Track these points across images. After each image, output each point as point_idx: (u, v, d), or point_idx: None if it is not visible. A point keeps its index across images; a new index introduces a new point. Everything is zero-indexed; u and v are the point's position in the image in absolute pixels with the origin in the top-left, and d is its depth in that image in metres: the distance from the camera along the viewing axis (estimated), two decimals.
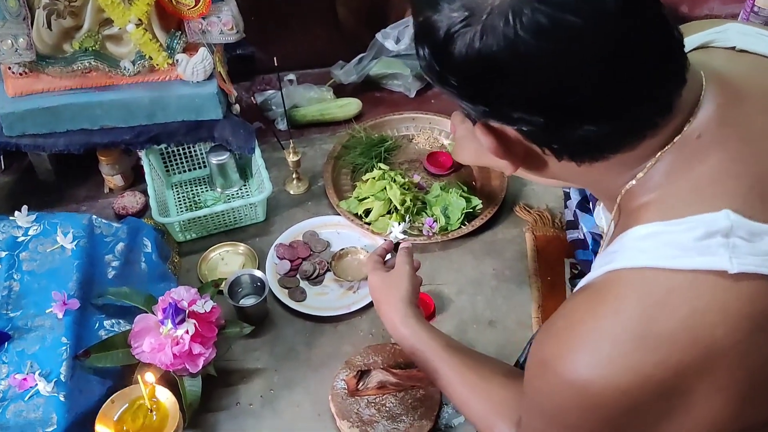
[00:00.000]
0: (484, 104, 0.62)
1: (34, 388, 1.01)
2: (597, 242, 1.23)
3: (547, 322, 0.69)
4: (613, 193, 0.67)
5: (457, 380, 0.92)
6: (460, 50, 0.58)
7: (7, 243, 1.18)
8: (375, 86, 1.70)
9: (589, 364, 0.60)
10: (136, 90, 1.34)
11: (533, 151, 0.65)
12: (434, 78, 0.64)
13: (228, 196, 1.46)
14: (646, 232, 0.62)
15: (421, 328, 0.98)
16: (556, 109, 0.59)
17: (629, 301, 0.60)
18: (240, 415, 1.14)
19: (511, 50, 0.56)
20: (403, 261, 1.06)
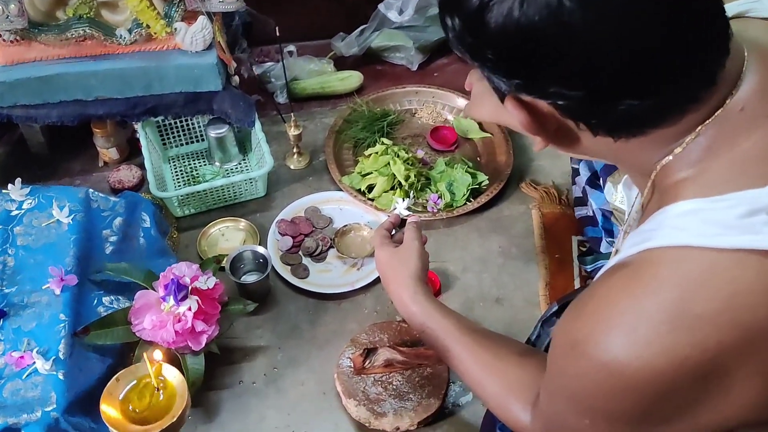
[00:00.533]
0: (519, 77, 0.59)
1: (32, 366, 0.98)
2: (607, 219, 1.21)
3: (575, 301, 0.66)
4: (647, 169, 0.64)
5: (470, 359, 0.89)
6: (497, 20, 0.55)
7: (1, 217, 1.14)
8: (376, 59, 1.66)
9: (624, 345, 0.58)
10: (132, 60, 1.29)
11: (566, 126, 0.62)
12: (465, 50, 0.60)
13: (227, 170, 1.42)
14: (686, 209, 0.59)
15: (431, 305, 0.95)
16: (596, 83, 0.56)
17: (668, 281, 0.57)
18: (243, 393, 1.12)
19: (554, 20, 0.53)
20: (412, 237, 1.03)
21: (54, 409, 0.94)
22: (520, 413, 0.82)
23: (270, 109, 1.54)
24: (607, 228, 1.20)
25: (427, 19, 1.63)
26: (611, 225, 1.20)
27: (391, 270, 1.00)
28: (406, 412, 1.06)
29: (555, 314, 1.04)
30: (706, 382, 0.57)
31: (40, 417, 0.93)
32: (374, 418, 1.06)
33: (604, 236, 1.20)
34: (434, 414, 1.07)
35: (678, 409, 0.60)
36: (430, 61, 1.67)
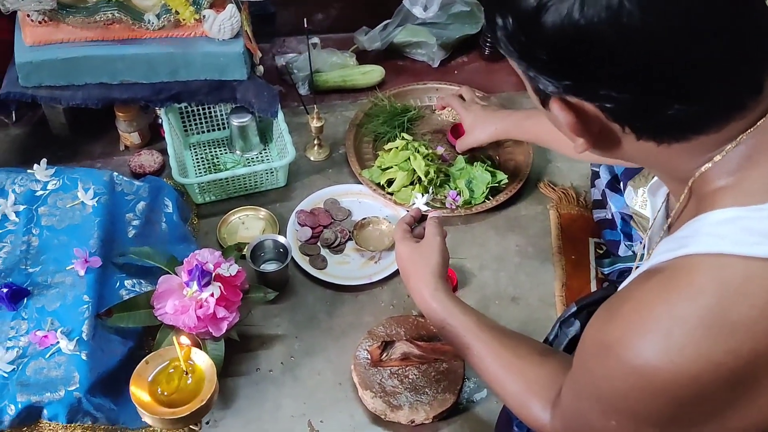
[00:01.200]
0: (570, 78, 0.59)
1: (55, 345, 0.99)
2: (626, 222, 1.21)
3: (607, 304, 0.67)
4: (685, 176, 0.65)
5: (490, 357, 0.90)
6: (555, 21, 0.55)
7: (26, 196, 1.15)
8: (398, 54, 1.67)
9: (658, 349, 0.58)
10: (159, 45, 1.30)
11: (610, 129, 0.62)
12: (514, 49, 0.60)
13: (248, 159, 1.43)
14: (724, 217, 0.60)
15: (451, 302, 0.96)
16: (649, 87, 0.56)
17: (705, 288, 0.58)
18: (260, 381, 1.13)
19: (614, 22, 0.53)
20: (433, 232, 1.03)
21: (77, 389, 0.95)
22: (540, 412, 0.83)
23: (291, 100, 1.55)
24: (626, 231, 1.21)
25: (450, 17, 1.63)
26: (630, 229, 1.21)
27: (412, 265, 1.01)
28: (422, 405, 1.07)
29: (573, 315, 1.05)
30: (737, 389, 0.58)
31: (63, 396, 0.95)
32: (390, 411, 1.07)
33: (623, 239, 1.21)
34: (449, 409, 1.08)
35: (707, 413, 0.60)
36: (451, 58, 1.68)
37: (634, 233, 1.20)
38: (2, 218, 1.12)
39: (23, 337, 1.00)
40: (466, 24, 1.65)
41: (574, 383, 0.73)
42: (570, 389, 0.75)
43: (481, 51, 1.69)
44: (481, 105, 1.40)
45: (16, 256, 1.08)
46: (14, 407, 0.93)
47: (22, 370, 0.97)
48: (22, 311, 1.03)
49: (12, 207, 1.13)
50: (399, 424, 1.07)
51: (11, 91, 1.31)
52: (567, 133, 0.65)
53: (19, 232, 1.11)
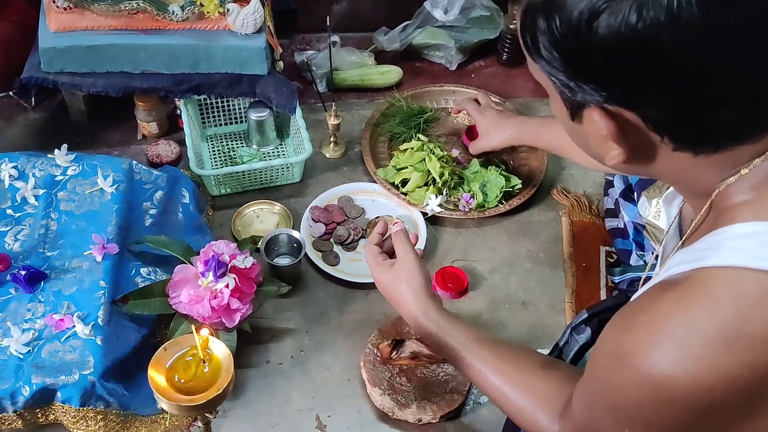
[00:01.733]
0: (620, 85, 0.57)
1: (71, 329, 1.00)
2: (639, 232, 1.22)
3: (620, 314, 0.67)
4: (708, 190, 0.65)
5: (493, 374, 0.89)
6: (610, 25, 0.54)
7: (45, 181, 1.16)
8: (416, 56, 1.68)
9: (674, 359, 0.58)
10: (182, 36, 1.31)
11: (647, 139, 0.61)
12: (560, 54, 0.58)
13: (264, 153, 1.44)
14: (744, 231, 0.60)
15: (445, 321, 0.94)
16: (702, 91, 0.56)
17: (723, 300, 0.58)
18: (270, 373, 1.14)
19: (673, 25, 0.52)
20: (405, 251, 0.99)
21: (91, 373, 0.96)
22: (548, 425, 0.83)
23: (308, 97, 1.56)
24: (638, 241, 1.22)
25: (469, 21, 1.64)
26: (642, 238, 1.21)
27: (396, 292, 0.98)
28: (429, 405, 1.08)
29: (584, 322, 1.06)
30: (752, 401, 0.59)
31: (77, 380, 0.96)
32: (398, 408, 1.08)
33: (635, 249, 1.22)
34: (456, 409, 1.09)
35: (720, 424, 0.61)
36: (469, 62, 1.69)
37: (646, 243, 1.21)
38: (22, 201, 1.13)
39: (39, 320, 1.01)
40: (485, 29, 1.66)
41: (587, 393, 0.74)
42: (581, 399, 0.75)
43: (498, 56, 1.70)
44: (496, 110, 1.41)
45: (34, 240, 1.09)
46: (29, 388, 0.94)
47: (38, 353, 0.98)
48: (39, 294, 1.04)
49: (32, 191, 1.14)
50: (406, 422, 1.08)
51: (33, 76, 1.32)
52: (599, 144, 0.64)
53: (38, 215, 1.12)
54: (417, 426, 1.08)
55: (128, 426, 1.02)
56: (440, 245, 1.33)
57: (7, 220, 1.11)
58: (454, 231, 1.35)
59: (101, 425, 0.99)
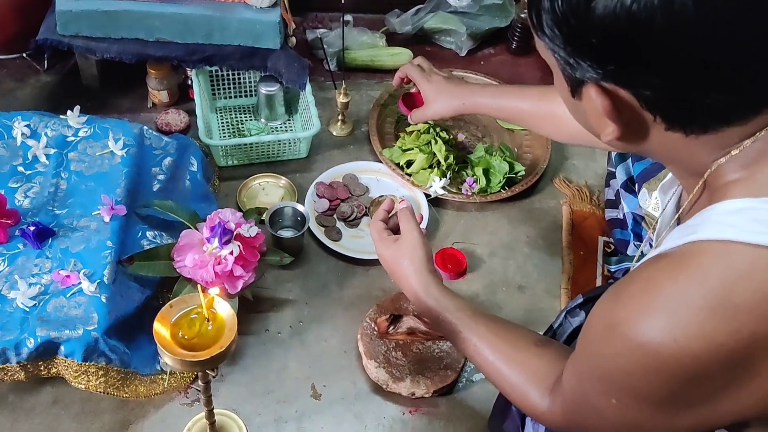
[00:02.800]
0: (615, 63, 0.60)
1: (77, 285, 1.02)
2: (637, 223, 1.24)
3: (615, 287, 0.69)
4: (701, 170, 0.67)
5: (488, 350, 0.91)
6: (607, 6, 0.56)
7: (57, 141, 1.18)
8: (426, 40, 1.69)
9: (663, 327, 0.61)
10: (198, 7, 1.32)
11: (641, 117, 0.64)
12: (561, 32, 0.61)
13: (272, 128, 1.45)
14: (735, 207, 0.63)
15: (444, 297, 0.97)
16: (693, 74, 0.58)
17: (713, 271, 0.60)
18: (268, 342, 1.16)
19: (666, 10, 0.55)
20: (409, 227, 1.02)
21: (95, 329, 0.98)
22: (538, 400, 0.85)
23: (318, 75, 1.57)
24: (636, 232, 1.24)
25: (482, 8, 1.65)
26: (641, 229, 1.23)
27: (398, 266, 1.01)
28: (423, 379, 1.11)
29: (579, 306, 1.08)
30: (734, 371, 0.61)
31: (81, 335, 0.97)
32: (392, 381, 1.10)
33: (633, 239, 1.24)
34: (449, 385, 1.12)
35: (703, 394, 0.63)
36: (479, 48, 1.70)
37: (644, 234, 1.23)
38: (33, 159, 1.15)
39: (46, 275, 1.03)
40: (497, 16, 1.67)
41: (577, 365, 0.76)
42: (571, 372, 0.77)
43: (508, 44, 1.71)
44: (442, 75, 1.30)
45: (44, 197, 1.11)
46: (33, 340, 0.96)
47: (43, 307, 1.00)
48: (47, 250, 1.05)
49: (43, 149, 1.15)
50: (399, 395, 1.11)
51: (48, 38, 1.34)
52: (596, 120, 0.66)
53: (48, 174, 1.13)
54: (410, 399, 1.11)
55: (128, 384, 1.04)
56: (441, 227, 1.35)
57: (18, 177, 1.13)
58: (455, 214, 1.37)
59: (102, 381, 1.01)
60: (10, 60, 1.53)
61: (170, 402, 1.08)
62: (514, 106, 1.21)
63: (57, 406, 1.05)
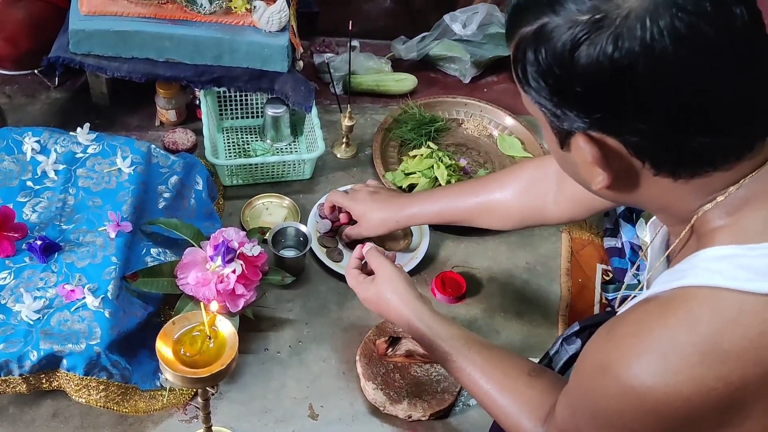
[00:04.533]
0: (601, 111, 0.61)
1: (81, 300, 1.03)
2: (635, 253, 1.26)
3: (607, 325, 0.71)
4: (688, 216, 0.68)
5: (482, 378, 0.92)
6: (590, 55, 0.58)
7: (66, 157, 1.20)
8: (431, 66, 1.72)
9: (653, 371, 0.62)
10: (208, 29, 1.35)
11: (629, 164, 0.65)
12: (545, 83, 0.62)
13: (277, 149, 1.47)
14: (721, 254, 0.64)
15: (437, 323, 0.98)
16: (678, 119, 0.59)
17: (702, 317, 0.61)
18: (267, 360, 1.17)
19: (647, 56, 0.57)
20: (380, 263, 1.05)
21: (97, 343, 1.00)
22: (532, 429, 0.86)
23: (323, 98, 1.60)
24: (634, 261, 1.26)
25: (485, 36, 1.68)
26: (638, 258, 1.25)
27: (384, 302, 1.03)
28: (420, 402, 1.11)
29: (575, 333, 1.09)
30: (725, 414, 0.62)
31: (83, 349, 0.99)
32: (389, 404, 1.11)
33: (631, 268, 1.25)
34: (446, 409, 1.13)
35: None
36: (482, 76, 1.73)
37: (642, 263, 1.24)
38: (42, 175, 1.17)
39: (51, 289, 1.04)
40: (500, 45, 1.70)
41: (570, 400, 0.77)
42: (565, 406, 0.78)
43: (511, 73, 1.73)
44: (368, 191, 1.26)
45: (51, 212, 1.13)
46: (36, 353, 0.97)
47: (47, 320, 1.01)
48: (53, 264, 1.07)
49: (52, 165, 1.17)
50: (396, 417, 1.11)
51: (61, 56, 1.36)
52: (586, 170, 0.67)
53: (56, 189, 1.15)
54: (406, 422, 1.11)
55: (128, 399, 1.05)
56: (441, 251, 1.37)
57: (27, 191, 1.15)
58: (456, 238, 1.39)
59: (102, 395, 1.02)
60: (21, 76, 1.55)
61: (169, 418, 1.09)
62: (453, 206, 1.19)
63: (57, 420, 1.06)
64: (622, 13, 0.57)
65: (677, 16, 0.56)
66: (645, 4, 0.57)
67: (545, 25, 0.61)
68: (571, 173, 0.73)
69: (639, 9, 0.57)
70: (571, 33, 0.59)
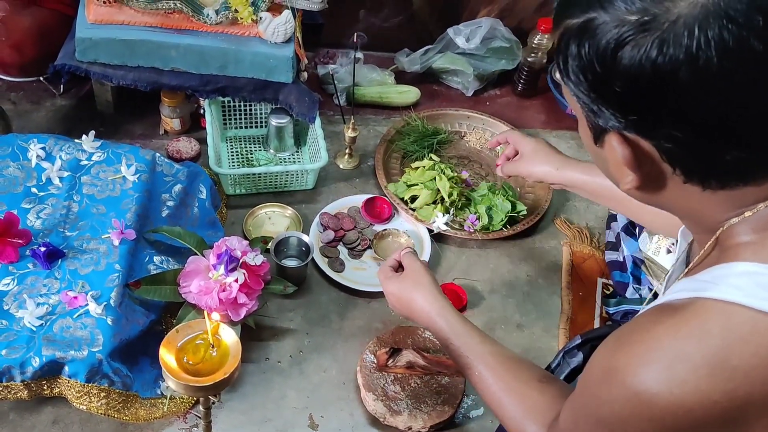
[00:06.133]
0: (638, 114, 0.61)
1: (84, 307, 1.03)
2: (637, 266, 1.26)
3: (617, 332, 0.70)
4: (714, 227, 0.68)
5: (492, 379, 0.93)
6: (632, 56, 0.58)
7: (71, 164, 1.20)
8: (434, 79, 1.73)
9: (660, 379, 0.62)
10: (213, 39, 1.36)
11: (660, 169, 0.65)
12: (585, 79, 0.62)
13: (280, 159, 1.48)
14: (743, 270, 0.64)
15: (456, 320, 0.99)
16: (713, 131, 0.59)
17: (714, 331, 0.61)
18: (268, 370, 1.17)
19: (691, 65, 0.56)
20: (410, 260, 1.06)
21: (99, 350, 1.00)
22: None
23: (327, 109, 1.61)
24: (636, 275, 1.26)
25: (489, 50, 1.70)
26: (640, 273, 1.25)
27: (407, 297, 1.03)
28: (420, 414, 1.11)
29: (577, 347, 1.09)
30: (726, 427, 0.62)
31: (85, 356, 0.99)
32: (389, 415, 1.11)
33: (632, 282, 1.26)
34: (446, 421, 1.12)
35: None
36: (485, 89, 1.74)
37: (644, 277, 1.25)
38: (47, 182, 1.17)
39: (54, 296, 1.05)
40: (504, 59, 1.71)
41: (575, 406, 0.77)
42: (569, 412, 0.78)
43: (514, 86, 1.75)
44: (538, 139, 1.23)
45: (55, 219, 1.13)
46: (39, 359, 0.97)
47: (50, 327, 1.01)
48: (56, 271, 1.07)
49: (57, 172, 1.18)
50: (396, 428, 1.11)
51: (67, 63, 1.37)
52: (617, 169, 0.67)
53: (61, 196, 1.16)
54: None
55: (128, 406, 1.05)
56: (443, 262, 1.37)
57: (31, 198, 1.15)
58: (457, 250, 1.39)
59: (103, 402, 1.02)
60: (27, 83, 1.56)
61: (169, 426, 1.08)
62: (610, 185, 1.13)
63: (57, 426, 1.06)
64: (671, 18, 0.56)
65: (727, 27, 0.55)
66: (695, 12, 0.56)
67: (592, 20, 0.60)
68: (603, 169, 0.73)
69: (688, 16, 0.56)
70: (617, 31, 0.58)
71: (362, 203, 1.41)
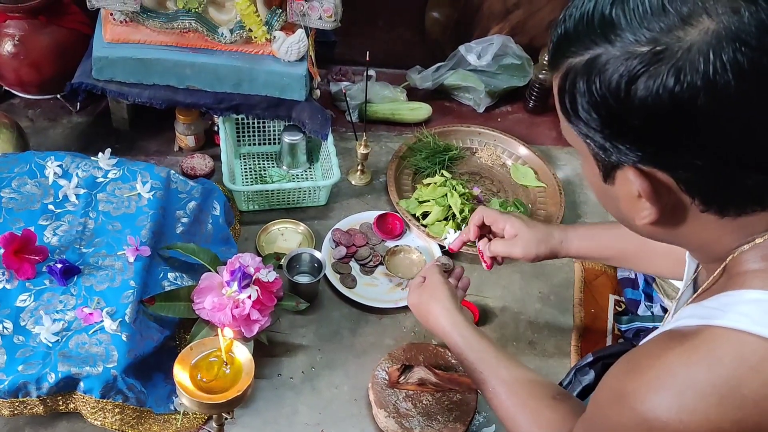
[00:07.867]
0: (656, 146, 0.60)
1: (99, 323, 1.04)
2: (648, 284, 1.26)
3: (627, 356, 0.71)
4: (723, 255, 0.68)
5: (506, 394, 0.93)
6: (649, 87, 0.57)
7: (87, 181, 1.22)
8: (445, 95, 1.74)
9: (671, 407, 0.62)
10: (228, 58, 1.38)
11: (678, 199, 0.64)
12: (599, 115, 0.61)
13: (293, 175, 1.49)
14: (752, 297, 0.64)
15: (471, 334, 1.00)
16: (735, 155, 0.59)
17: (724, 360, 0.61)
18: (280, 386, 1.18)
19: (709, 91, 0.55)
20: (431, 272, 1.08)
21: (114, 366, 1.01)
22: None
23: (339, 125, 1.62)
24: (647, 292, 1.26)
25: (500, 67, 1.71)
26: (652, 290, 1.25)
27: (425, 308, 1.05)
28: (432, 431, 1.11)
29: (589, 365, 1.10)
30: None
31: (100, 372, 1.00)
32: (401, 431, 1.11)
33: (643, 300, 1.26)
34: None
35: None
36: (496, 106, 1.75)
37: (655, 295, 1.25)
38: (63, 199, 1.19)
39: (70, 312, 1.06)
40: (515, 76, 1.72)
41: (586, 425, 0.77)
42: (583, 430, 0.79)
43: (525, 103, 1.76)
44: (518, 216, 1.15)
45: (72, 236, 1.14)
46: (54, 375, 0.99)
47: (65, 343, 1.03)
48: (72, 287, 1.09)
49: (73, 189, 1.20)
50: None
51: (84, 82, 1.39)
52: (630, 205, 0.66)
53: (77, 213, 1.17)
54: None
55: (142, 422, 1.06)
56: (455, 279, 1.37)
57: (48, 215, 1.17)
58: (469, 266, 1.39)
59: (117, 418, 1.03)
60: (44, 100, 1.59)
61: None
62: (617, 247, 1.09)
63: None
64: (684, 45, 0.56)
65: (740, 50, 0.55)
66: (707, 38, 0.56)
67: (599, 56, 0.59)
68: (611, 207, 0.71)
69: (701, 42, 0.55)
70: (628, 64, 0.57)
71: (374, 219, 1.42)
